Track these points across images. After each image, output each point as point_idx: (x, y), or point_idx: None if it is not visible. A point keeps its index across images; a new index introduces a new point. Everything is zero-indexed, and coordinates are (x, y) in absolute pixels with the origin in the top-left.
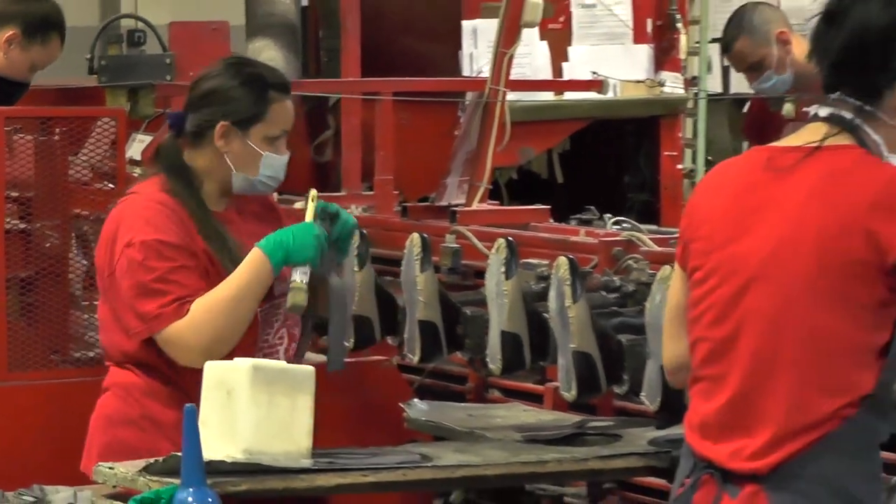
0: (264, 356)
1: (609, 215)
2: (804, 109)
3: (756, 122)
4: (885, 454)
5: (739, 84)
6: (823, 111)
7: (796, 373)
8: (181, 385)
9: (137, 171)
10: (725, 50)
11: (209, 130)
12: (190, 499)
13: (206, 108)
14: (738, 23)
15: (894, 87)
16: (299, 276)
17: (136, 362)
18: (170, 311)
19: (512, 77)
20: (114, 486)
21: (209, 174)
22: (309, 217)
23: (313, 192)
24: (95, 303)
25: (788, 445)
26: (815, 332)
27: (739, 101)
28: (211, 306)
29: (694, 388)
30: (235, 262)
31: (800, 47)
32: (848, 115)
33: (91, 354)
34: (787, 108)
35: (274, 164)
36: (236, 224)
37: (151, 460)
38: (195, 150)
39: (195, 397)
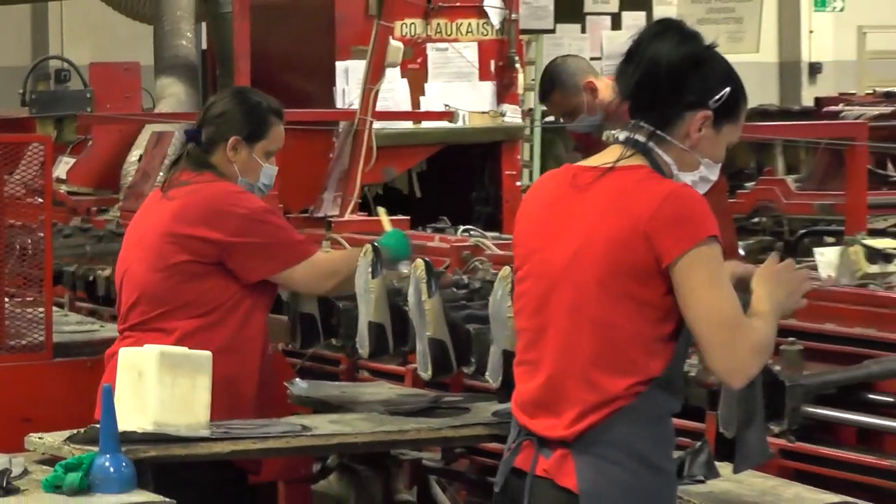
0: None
1: (459, 225)
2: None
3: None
4: (691, 423)
5: None
6: (622, 135)
7: (592, 359)
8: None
9: (63, 188)
10: (542, 101)
11: (221, 142)
12: (107, 463)
13: (221, 125)
14: (549, 78)
15: (684, 116)
16: (405, 269)
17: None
18: (309, 243)
19: (377, 109)
20: (42, 454)
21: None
22: (389, 226)
23: (382, 208)
24: (28, 299)
25: (590, 417)
26: (606, 326)
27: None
28: (333, 260)
29: (517, 370)
30: None
31: (606, 87)
32: (642, 139)
33: (23, 342)
34: (607, 135)
35: (270, 173)
36: None
37: (73, 431)
38: (207, 157)
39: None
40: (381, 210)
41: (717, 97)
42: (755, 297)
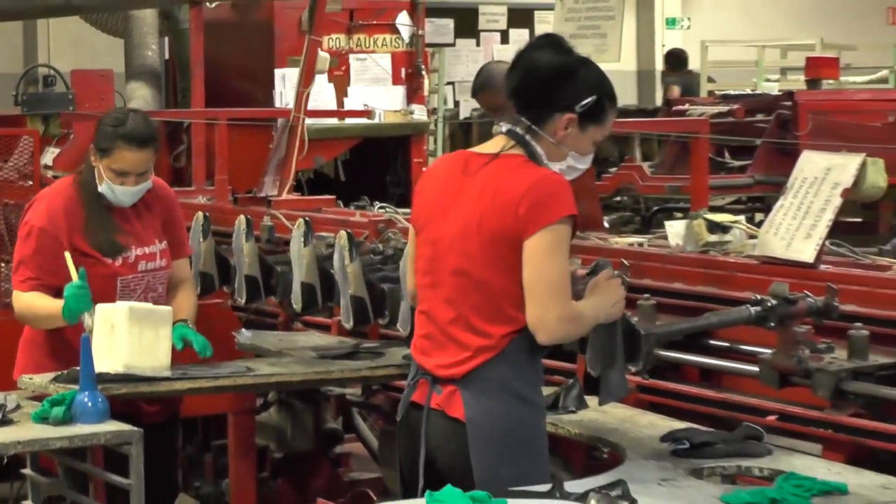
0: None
1: (376, 203)
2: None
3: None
4: (564, 364)
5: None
6: (504, 127)
7: (475, 311)
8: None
9: (50, 173)
10: (474, 96)
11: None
12: (86, 399)
13: (95, 133)
14: (483, 79)
15: (554, 116)
16: (87, 320)
17: None
18: (25, 285)
19: (309, 108)
20: (32, 392)
21: None
22: (74, 276)
23: (66, 253)
24: None
25: (475, 360)
26: (485, 284)
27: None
28: (29, 307)
29: (416, 319)
30: (103, 243)
31: None
32: (520, 132)
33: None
34: (496, 129)
35: (113, 189)
36: (137, 213)
37: (58, 373)
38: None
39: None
40: (66, 254)
41: (583, 103)
42: (584, 299)
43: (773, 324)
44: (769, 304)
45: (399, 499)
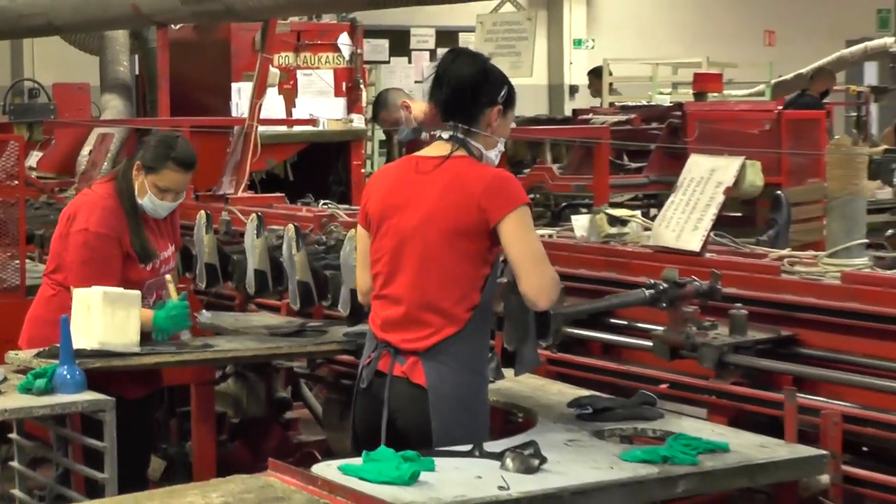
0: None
1: (320, 199)
2: (432, 133)
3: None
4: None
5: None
6: (445, 134)
7: (437, 292)
8: None
9: (34, 174)
10: (374, 120)
11: (136, 161)
12: (65, 372)
13: (139, 148)
14: (378, 103)
15: (484, 112)
16: (186, 335)
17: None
18: (87, 284)
19: (261, 117)
20: (18, 366)
21: None
22: (175, 296)
23: (168, 276)
24: (8, 254)
25: (437, 336)
26: (446, 269)
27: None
28: None
29: (376, 302)
30: (142, 247)
31: (417, 106)
32: (460, 135)
33: (5, 285)
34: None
35: (154, 202)
36: (156, 221)
37: (42, 349)
38: (129, 168)
39: None
40: (169, 278)
41: (502, 94)
42: None
43: (664, 304)
44: (661, 288)
45: (342, 458)
